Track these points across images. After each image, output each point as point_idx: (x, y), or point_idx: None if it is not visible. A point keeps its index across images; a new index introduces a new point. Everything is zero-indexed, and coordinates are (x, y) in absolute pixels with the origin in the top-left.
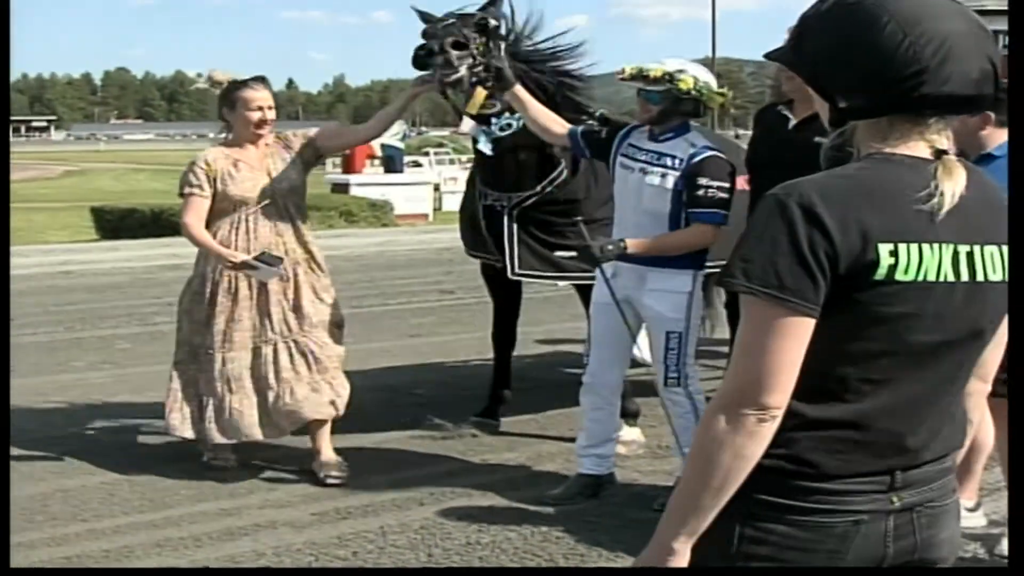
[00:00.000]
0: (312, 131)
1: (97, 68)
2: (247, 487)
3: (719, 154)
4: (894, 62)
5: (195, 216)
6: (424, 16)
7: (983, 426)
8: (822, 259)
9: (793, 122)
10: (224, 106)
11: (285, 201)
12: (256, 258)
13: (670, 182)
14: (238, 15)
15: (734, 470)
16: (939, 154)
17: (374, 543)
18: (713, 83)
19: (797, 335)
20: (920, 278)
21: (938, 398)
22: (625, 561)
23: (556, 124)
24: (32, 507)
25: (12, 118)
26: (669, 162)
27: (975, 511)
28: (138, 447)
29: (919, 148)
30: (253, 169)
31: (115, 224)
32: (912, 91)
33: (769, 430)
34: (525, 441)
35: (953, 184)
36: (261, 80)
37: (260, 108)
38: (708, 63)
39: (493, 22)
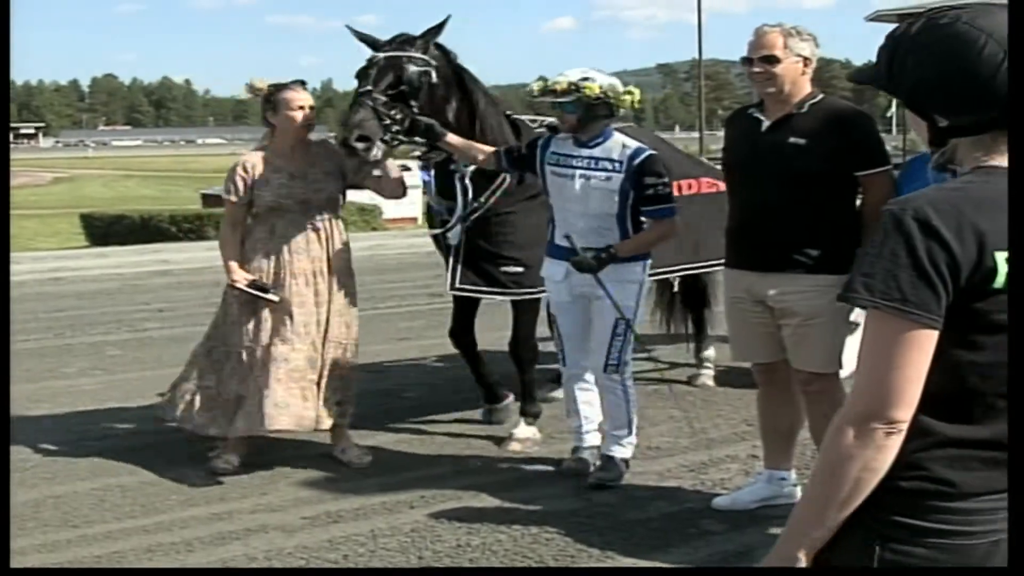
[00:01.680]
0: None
1: (84, 74)
2: (238, 492)
3: (653, 151)
4: (996, 80)
5: (228, 226)
6: (361, 37)
7: None
8: (943, 270)
9: (766, 124)
10: (268, 110)
11: (321, 210)
12: (249, 285)
13: (615, 183)
14: (225, 20)
15: (862, 483)
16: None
17: (365, 546)
18: (618, 85)
19: (921, 347)
20: (1003, 284)
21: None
22: (616, 563)
23: (484, 152)
24: (24, 513)
25: None
26: (609, 165)
27: None
28: (128, 453)
29: (1002, 160)
30: (292, 176)
31: (104, 231)
32: (973, 109)
33: (896, 442)
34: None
35: None
36: (301, 83)
37: (302, 108)
38: (695, 65)
39: (405, 87)
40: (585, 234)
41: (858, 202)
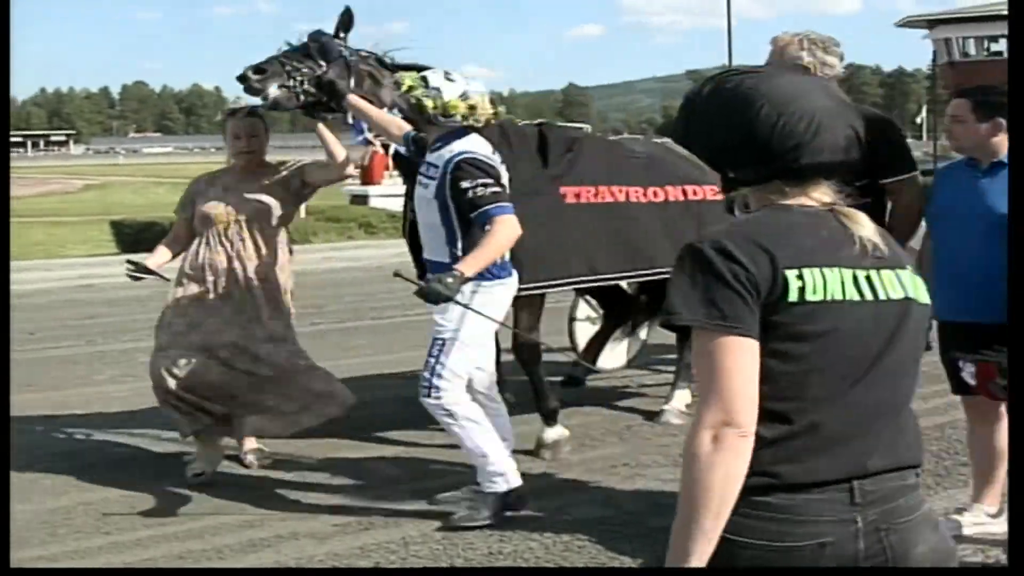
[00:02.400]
0: (303, 161)
1: (115, 82)
2: (269, 498)
3: (473, 154)
4: (772, 140)
5: (170, 235)
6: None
7: (1001, 432)
8: (747, 286)
9: None
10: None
11: (250, 225)
12: (139, 268)
13: (432, 191)
14: (253, 27)
15: (728, 489)
16: (827, 206)
17: (396, 554)
18: (445, 92)
19: (747, 355)
20: (828, 298)
21: (883, 412)
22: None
23: (395, 127)
24: (55, 520)
25: (31, 132)
26: (432, 172)
27: (998, 516)
28: (159, 459)
29: (807, 202)
30: (228, 191)
31: (135, 237)
32: (793, 163)
33: (749, 445)
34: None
35: (860, 227)
36: (250, 112)
37: (238, 137)
38: (724, 71)
39: (314, 44)
40: (427, 244)
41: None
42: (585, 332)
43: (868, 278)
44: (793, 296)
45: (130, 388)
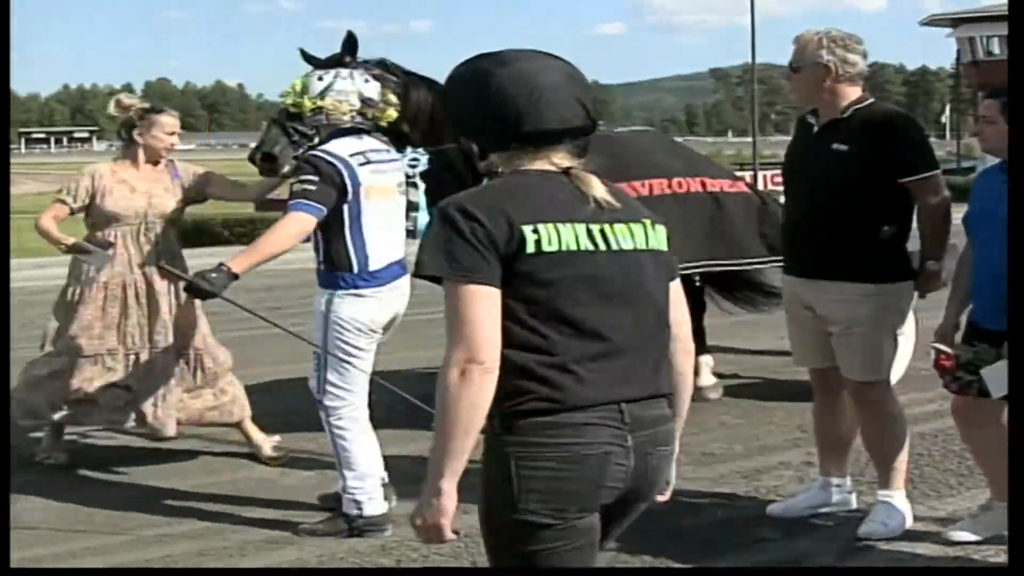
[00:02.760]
0: (202, 171)
1: (138, 78)
2: (291, 495)
3: (318, 153)
4: (500, 111)
5: (51, 219)
6: (307, 58)
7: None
8: (485, 242)
9: (816, 130)
10: (136, 127)
11: (155, 226)
12: (86, 239)
13: None
14: (277, 24)
15: (474, 416)
16: (565, 169)
17: (418, 551)
18: (315, 88)
19: (487, 301)
20: (563, 248)
21: (628, 340)
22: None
23: None
24: (76, 517)
25: (54, 129)
26: None
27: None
28: (180, 456)
29: (546, 166)
30: (134, 190)
31: None
32: (518, 130)
33: (492, 380)
34: None
35: (592, 187)
36: (172, 112)
37: (173, 133)
38: (748, 69)
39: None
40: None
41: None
42: None
43: (602, 231)
44: (531, 248)
45: None
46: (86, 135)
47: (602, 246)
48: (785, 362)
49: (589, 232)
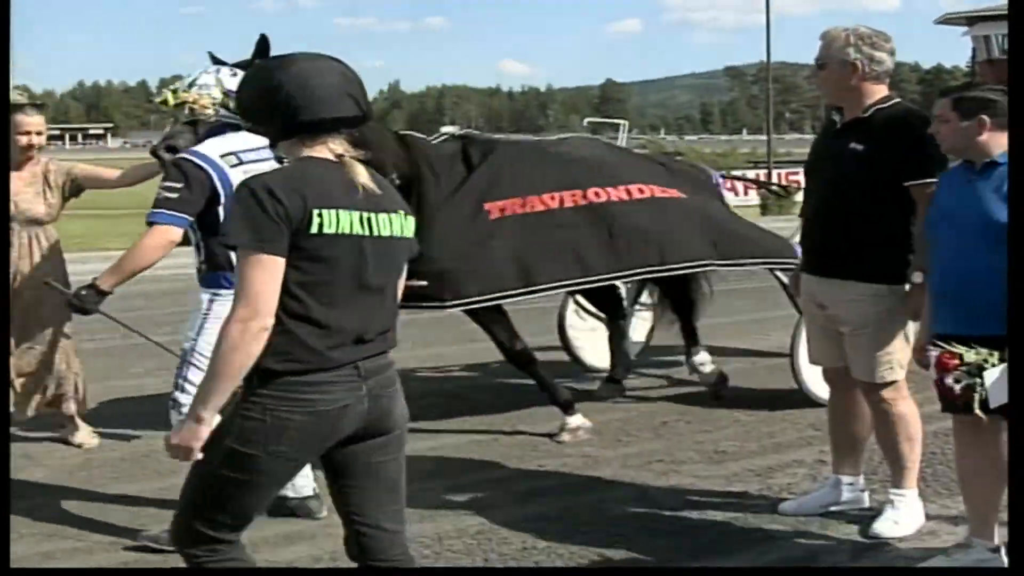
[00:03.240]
0: (76, 167)
1: (153, 75)
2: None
3: (188, 156)
4: (278, 104)
5: None
6: (216, 60)
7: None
8: (282, 217)
9: (838, 127)
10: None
11: (41, 222)
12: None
13: None
14: (290, 22)
15: (245, 365)
16: (339, 156)
17: (430, 548)
18: (181, 85)
19: (275, 270)
20: (340, 231)
21: (374, 312)
22: (681, 566)
23: None
24: (91, 513)
25: (69, 126)
26: None
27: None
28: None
29: (325, 152)
30: (39, 193)
31: None
32: (294, 120)
33: (265, 336)
34: (578, 445)
35: (359, 174)
36: (36, 107)
37: (28, 133)
38: (763, 68)
39: None
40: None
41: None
42: (579, 336)
43: (369, 219)
44: (315, 229)
45: (164, 381)
46: (101, 132)
47: (367, 232)
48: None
49: (361, 219)
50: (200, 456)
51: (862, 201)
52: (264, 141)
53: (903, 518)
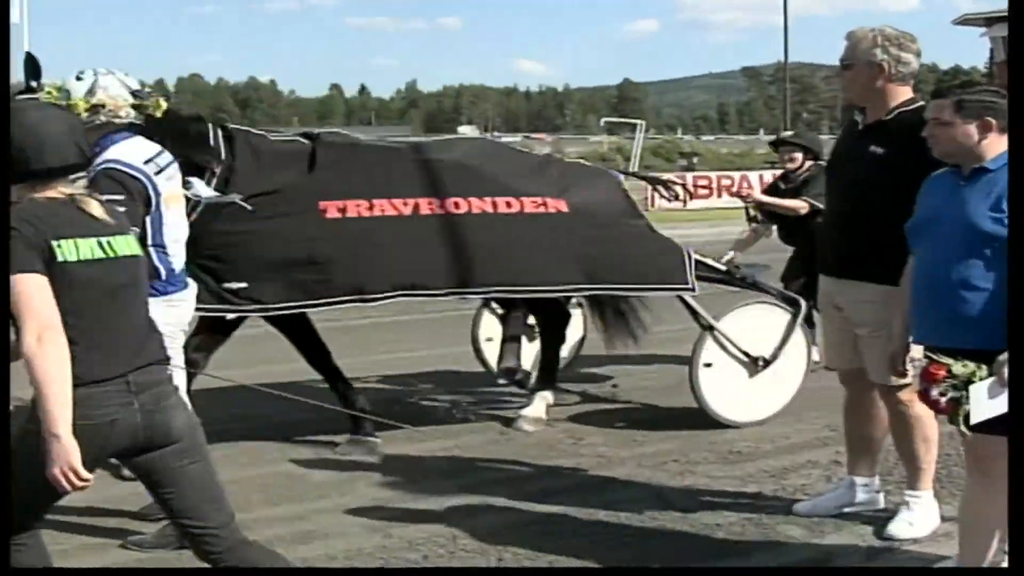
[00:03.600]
0: None
1: (170, 74)
2: (319, 491)
3: (115, 164)
4: (15, 155)
5: None
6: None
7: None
8: (35, 244)
9: (860, 129)
10: None
11: None
12: None
13: None
14: (305, 21)
15: (63, 369)
16: (70, 196)
17: (444, 547)
18: (75, 89)
19: (43, 287)
20: (82, 258)
21: (129, 326)
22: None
23: None
24: (106, 509)
25: None
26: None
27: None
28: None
29: (54, 194)
30: None
31: None
32: (24, 167)
33: (64, 341)
34: (592, 446)
35: (93, 208)
36: None
37: None
38: (780, 68)
39: None
40: None
41: None
42: (492, 351)
43: (108, 243)
44: (60, 257)
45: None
46: None
47: (107, 254)
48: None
49: (99, 243)
50: (88, 474)
51: (882, 203)
52: (159, 147)
53: (918, 519)
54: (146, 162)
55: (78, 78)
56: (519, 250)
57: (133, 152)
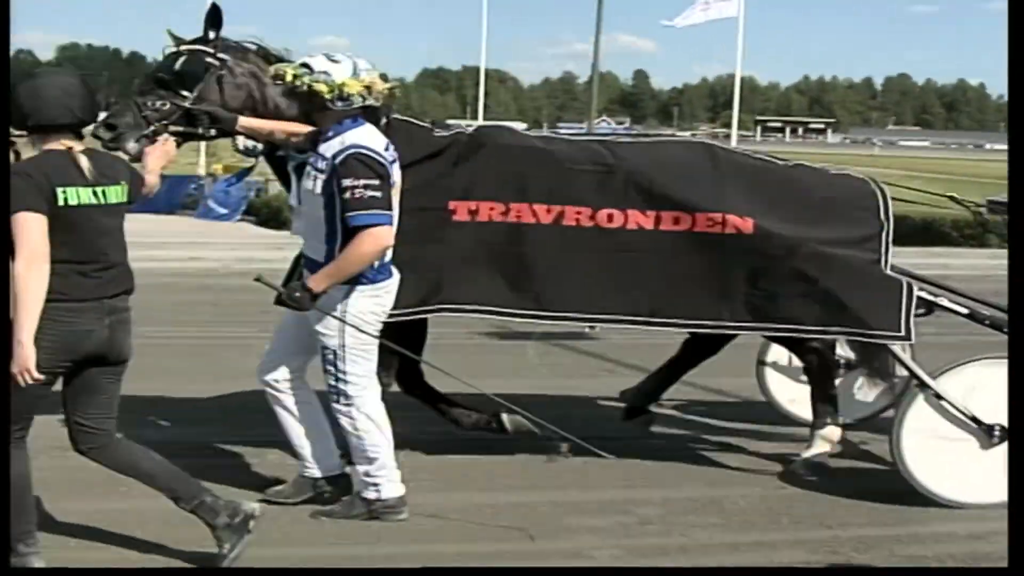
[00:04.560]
0: None
1: (877, 73)
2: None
3: (363, 151)
4: (18, 111)
5: None
6: (175, 37)
7: None
8: (41, 190)
9: None
10: None
11: None
12: None
13: (319, 186)
14: None
15: (41, 292)
16: (69, 148)
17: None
18: (337, 71)
19: (40, 222)
20: (80, 203)
21: (110, 260)
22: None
23: (298, 132)
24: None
25: (791, 119)
26: (320, 164)
27: None
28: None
29: (56, 146)
30: None
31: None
32: (29, 122)
33: (47, 268)
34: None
35: (83, 161)
36: None
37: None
38: None
39: (169, 75)
40: (306, 240)
41: None
42: (776, 379)
43: (102, 191)
44: (60, 202)
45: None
46: (821, 127)
47: (100, 200)
48: None
49: (94, 192)
50: (40, 375)
51: None
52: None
53: None
54: (385, 150)
55: (333, 60)
56: (666, 275)
57: (374, 139)
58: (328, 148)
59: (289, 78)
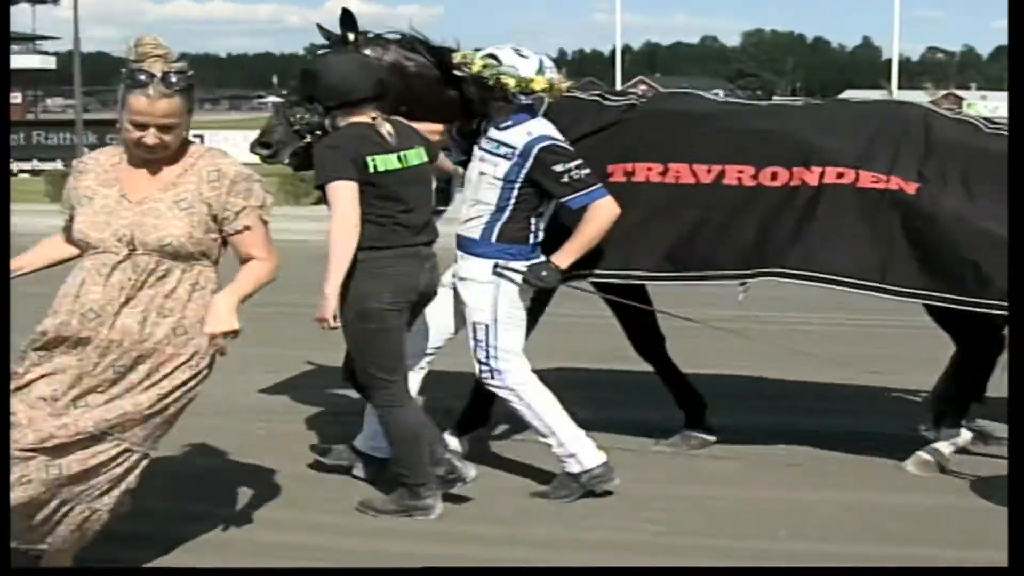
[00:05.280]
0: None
1: None
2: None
3: (556, 140)
4: (333, 88)
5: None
6: (326, 33)
7: None
8: (348, 159)
9: None
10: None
11: (147, 259)
12: None
13: (502, 171)
14: None
15: (351, 251)
16: (373, 118)
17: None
18: (525, 66)
19: (352, 190)
20: (386, 169)
21: (422, 215)
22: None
23: (431, 127)
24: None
25: None
26: (504, 151)
27: None
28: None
29: (362, 118)
30: (123, 199)
31: None
32: (345, 98)
33: (358, 230)
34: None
35: (386, 129)
36: (166, 82)
37: (143, 126)
38: None
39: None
40: (466, 219)
41: None
42: None
43: (403, 155)
44: (371, 169)
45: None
46: None
47: (404, 164)
48: None
49: (397, 157)
50: (334, 321)
51: None
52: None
53: None
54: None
55: (521, 55)
56: (818, 229)
57: (553, 130)
58: (511, 137)
59: (477, 68)
